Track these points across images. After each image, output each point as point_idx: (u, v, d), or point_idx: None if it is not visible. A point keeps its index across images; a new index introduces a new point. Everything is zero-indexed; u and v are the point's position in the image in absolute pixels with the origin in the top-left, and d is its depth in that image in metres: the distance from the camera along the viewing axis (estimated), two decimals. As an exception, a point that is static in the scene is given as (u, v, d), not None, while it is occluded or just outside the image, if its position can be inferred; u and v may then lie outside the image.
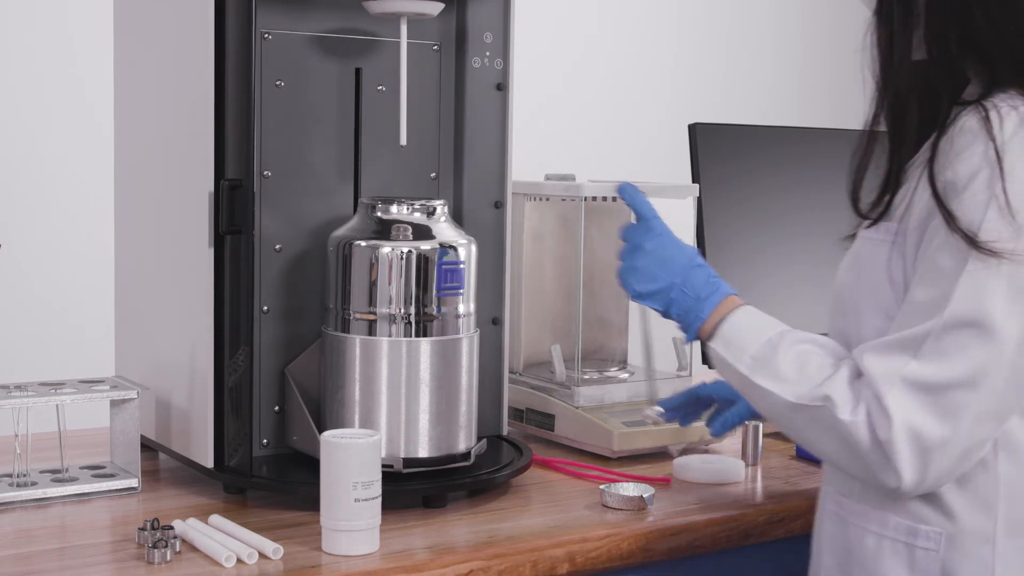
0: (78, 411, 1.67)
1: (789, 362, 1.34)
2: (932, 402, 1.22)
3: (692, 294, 1.46)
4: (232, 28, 1.56)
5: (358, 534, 1.39)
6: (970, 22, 1.27)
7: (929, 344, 1.23)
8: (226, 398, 1.59)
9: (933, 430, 1.22)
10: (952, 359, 1.22)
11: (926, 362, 1.23)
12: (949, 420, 1.22)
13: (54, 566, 1.35)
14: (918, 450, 1.23)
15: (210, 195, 1.57)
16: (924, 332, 1.23)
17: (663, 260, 1.50)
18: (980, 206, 1.20)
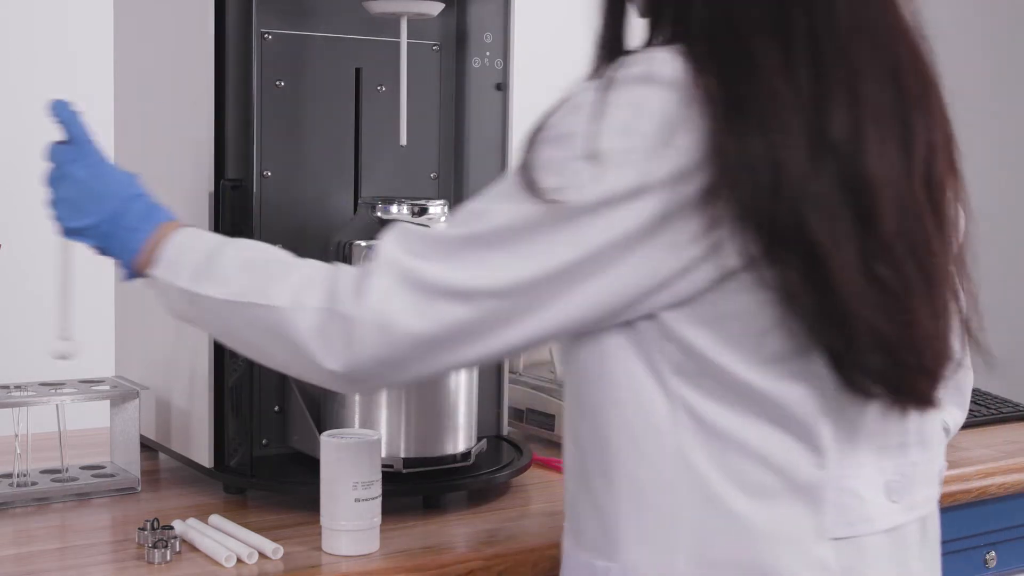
0: (78, 411, 1.67)
1: (231, 266, 1.20)
2: (424, 305, 1.08)
3: (128, 225, 1.28)
4: (232, 28, 1.56)
5: (358, 534, 1.39)
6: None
7: (456, 254, 1.09)
8: (226, 398, 1.59)
9: (411, 326, 1.09)
10: (468, 271, 1.08)
11: (437, 263, 1.09)
12: (430, 323, 1.08)
13: (54, 566, 1.35)
14: (385, 340, 1.09)
15: (210, 195, 1.57)
16: (453, 239, 1.10)
17: (97, 190, 1.30)
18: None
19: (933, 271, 1.09)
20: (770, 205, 1.02)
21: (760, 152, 1.02)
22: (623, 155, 1.04)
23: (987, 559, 1.92)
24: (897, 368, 1.07)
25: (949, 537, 1.89)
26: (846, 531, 1.11)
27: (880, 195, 1.04)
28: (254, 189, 1.58)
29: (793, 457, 1.09)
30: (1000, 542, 1.94)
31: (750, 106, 1.03)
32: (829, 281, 1.03)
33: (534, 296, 1.08)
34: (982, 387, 2.40)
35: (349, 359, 1.11)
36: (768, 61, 1.04)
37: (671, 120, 1.03)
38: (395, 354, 1.11)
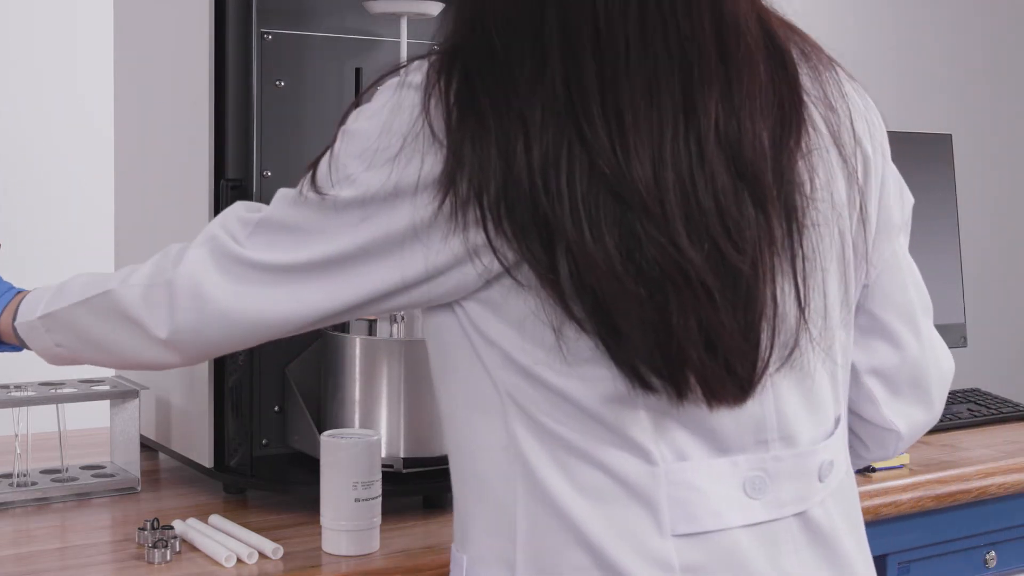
0: (78, 411, 1.67)
1: (76, 282, 1.30)
2: (235, 274, 1.14)
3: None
4: (232, 28, 1.56)
5: (358, 534, 1.39)
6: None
7: (256, 232, 1.15)
8: (226, 398, 1.59)
9: (217, 290, 1.15)
10: (262, 252, 1.13)
11: (242, 244, 1.15)
12: (237, 292, 1.14)
13: (54, 566, 1.35)
14: (198, 305, 1.15)
15: (210, 195, 1.57)
16: (261, 220, 1.15)
17: None
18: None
19: (738, 257, 1.01)
20: (511, 205, 1.00)
21: (494, 153, 1.00)
22: (381, 156, 1.06)
23: (987, 559, 1.92)
24: (675, 359, 1.02)
25: (949, 537, 1.90)
26: (689, 527, 1.07)
27: (644, 182, 1.00)
28: (254, 189, 1.58)
29: (617, 456, 1.07)
30: (1000, 542, 1.94)
31: (489, 108, 1.01)
32: (587, 281, 1.00)
33: (306, 277, 1.12)
34: (982, 387, 2.40)
35: (171, 324, 1.18)
36: (512, 58, 1.03)
37: (417, 123, 1.04)
38: (205, 317, 1.16)
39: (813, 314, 1.09)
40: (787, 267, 1.06)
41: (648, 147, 1.00)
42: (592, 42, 1.01)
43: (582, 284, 1.00)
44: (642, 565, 1.05)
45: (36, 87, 2.94)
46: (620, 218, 0.99)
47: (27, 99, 2.93)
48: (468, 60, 1.04)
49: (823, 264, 1.10)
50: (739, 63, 1.04)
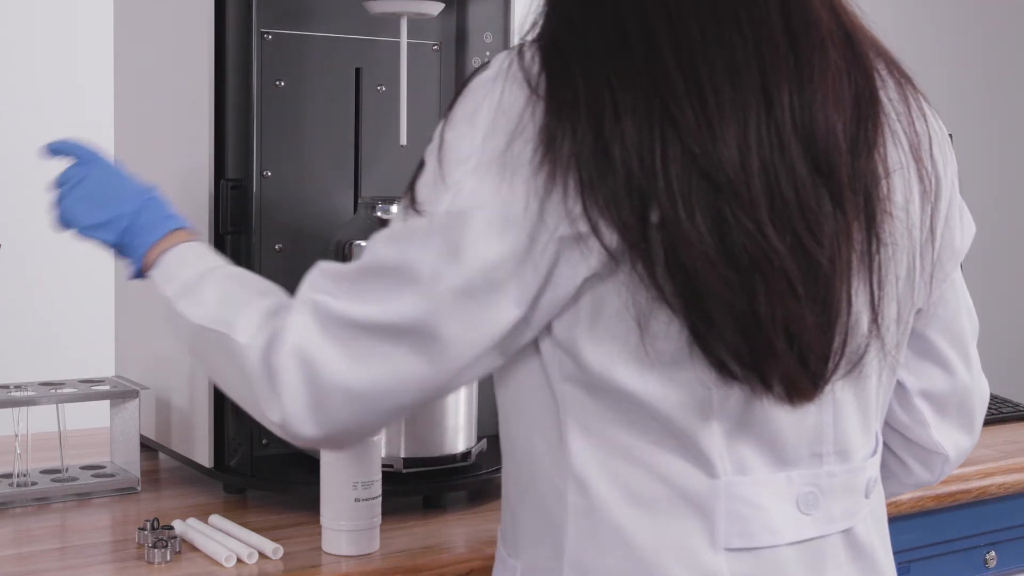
0: (78, 411, 1.67)
1: (213, 290, 1.18)
2: (344, 340, 1.05)
3: (144, 223, 1.29)
4: (232, 28, 1.56)
5: (358, 534, 1.39)
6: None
7: (356, 283, 1.06)
8: (226, 398, 1.59)
9: (334, 367, 1.04)
10: (374, 303, 1.04)
11: (346, 300, 1.06)
12: (357, 363, 1.04)
13: (54, 566, 1.35)
14: (310, 385, 1.05)
15: (210, 195, 1.57)
16: (357, 268, 1.07)
17: (118, 189, 1.32)
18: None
19: (817, 250, 1.01)
20: (611, 187, 0.99)
21: (591, 140, 0.99)
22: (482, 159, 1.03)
23: (987, 559, 1.92)
24: (759, 348, 1.00)
25: (949, 537, 1.90)
26: (743, 542, 1.07)
27: (733, 168, 0.99)
28: (254, 189, 1.58)
29: (680, 466, 1.06)
30: (1000, 542, 1.94)
31: (572, 89, 1.01)
32: (681, 259, 0.98)
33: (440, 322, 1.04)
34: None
35: (282, 410, 1.07)
36: (594, 44, 1.03)
37: (521, 117, 1.02)
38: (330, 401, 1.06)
39: (887, 322, 1.09)
40: (864, 270, 1.05)
41: (733, 132, 1.00)
42: (667, 28, 1.01)
43: (676, 262, 0.99)
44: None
45: (36, 87, 2.94)
46: (712, 200, 0.99)
47: (27, 99, 2.93)
48: (552, 45, 1.04)
49: (896, 273, 1.10)
50: (809, 54, 1.03)
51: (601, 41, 1.02)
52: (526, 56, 1.04)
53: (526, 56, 1.04)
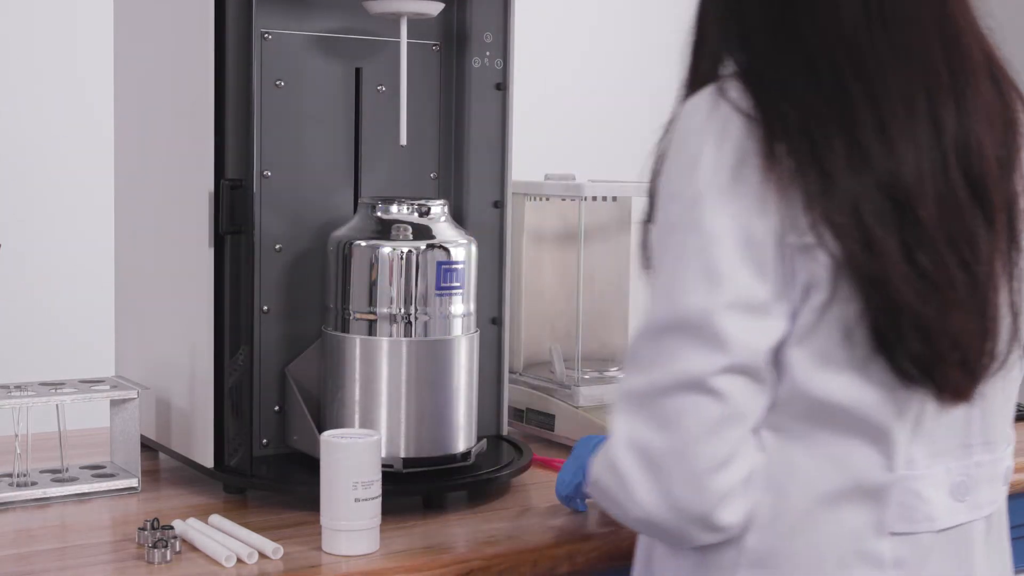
0: (78, 411, 1.67)
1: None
2: (650, 412, 1.12)
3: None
4: (232, 28, 1.56)
5: (358, 534, 1.39)
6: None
7: (641, 355, 1.15)
8: (226, 398, 1.59)
9: (657, 441, 1.11)
10: (661, 365, 1.12)
11: (641, 373, 1.14)
12: (671, 428, 1.11)
13: (54, 566, 1.35)
14: (648, 466, 1.12)
15: (210, 195, 1.57)
16: (634, 343, 1.16)
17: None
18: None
19: (976, 266, 1.13)
20: (830, 204, 1.10)
21: (808, 161, 1.10)
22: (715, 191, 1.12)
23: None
24: (934, 356, 1.12)
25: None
26: (906, 527, 1.17)
27: (914, 190, 1.11)
28: (254, 189, 1.58)
29: (864, 461, 1.15)
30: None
31: (791, 124, 1.11)
32: (881, 275, 1.09)
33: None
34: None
35: (652, 503, 1.13)
36: (796, 78, 1.14)
37: (743, 146, 1.12)
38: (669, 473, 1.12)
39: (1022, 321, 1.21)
40: (1005, 276, 1.17)
41: (911, 157, 1.11)
42: (849, 63, 1.13)
43: (876, 277, 1.10)
44: (855, 559, 1.15)
45: (36, 87, 2.94)
46: (898, 222, 1.10)
47: (27, 99, 2.93)
48: (756, 81, 1.15)
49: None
50: (964, 84, 1.15)
51: (796, 77, 1.14)
52: (731, 92, 1.14)
53: (731, 92, 1.14)
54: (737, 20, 1.19)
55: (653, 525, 1.15)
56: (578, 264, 1.93)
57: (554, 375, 1.94)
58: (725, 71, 1.19)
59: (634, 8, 3.80)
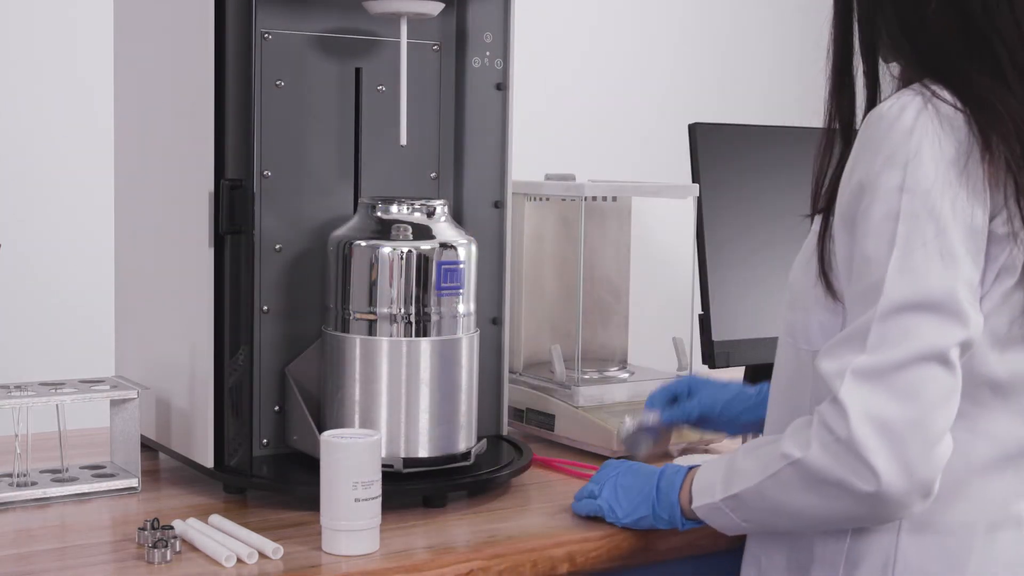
0: (78, 411, 1.67)
1: (744, 460, 1.35)
2: (887, 386, 1.20)
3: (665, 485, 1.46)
4: (232, 28, 1.56)
5: (358, 534, 1.39)
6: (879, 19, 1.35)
7: (873, 334, 1.22)
8: (226, 398, 1.59)
9: (895, 412, 1.19)
10: (899, 342, 1.21)
11: (873, 352, 1.21)
12: (910, 399, 1.19)
13: (54, 566, 1.35)
14: (886, 437, 1.19)
15: (210, 195, 1.57)
16: (866, 323, 1.23)
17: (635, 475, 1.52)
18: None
19: None
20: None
21: (1020, 154, 1.24)
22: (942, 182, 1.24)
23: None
24: None
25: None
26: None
27: None
28: (254, 189, 1.58)
29: (1014, 433, 1.31)
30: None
31: (994, 112, 1.25)
32: None
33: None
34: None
35: (875, 476, 1.20)
36: (987, 81, 1.27)
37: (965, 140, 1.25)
38: (906, 442, 1.20)
39: None
40: None
41: None
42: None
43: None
44: (1005, 521, 1.31)
45: (36, 87, 2.94)
46: None
47: (27, 98, 2.93)
48: (961, 83, 1.27)
49: None
50: None
51: (992, 80, 1.27)
52: (939, 92, 1.26)
53: (939, 92, 1.26)
54: (915, 27, 1.31)
55: (880, 498, 1.21)
56: (578, 264, 1.93)
57: (554, 375, 1.94)
58: (894, 72, 1.35)
59: (634, 8, 3.80)
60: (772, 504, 1.31)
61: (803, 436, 1.25)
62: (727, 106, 3.82)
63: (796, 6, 4.00)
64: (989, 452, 1.30)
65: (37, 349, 2.94)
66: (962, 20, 1.29)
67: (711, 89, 3.89)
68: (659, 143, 3.52)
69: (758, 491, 1.31)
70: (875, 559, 1.31)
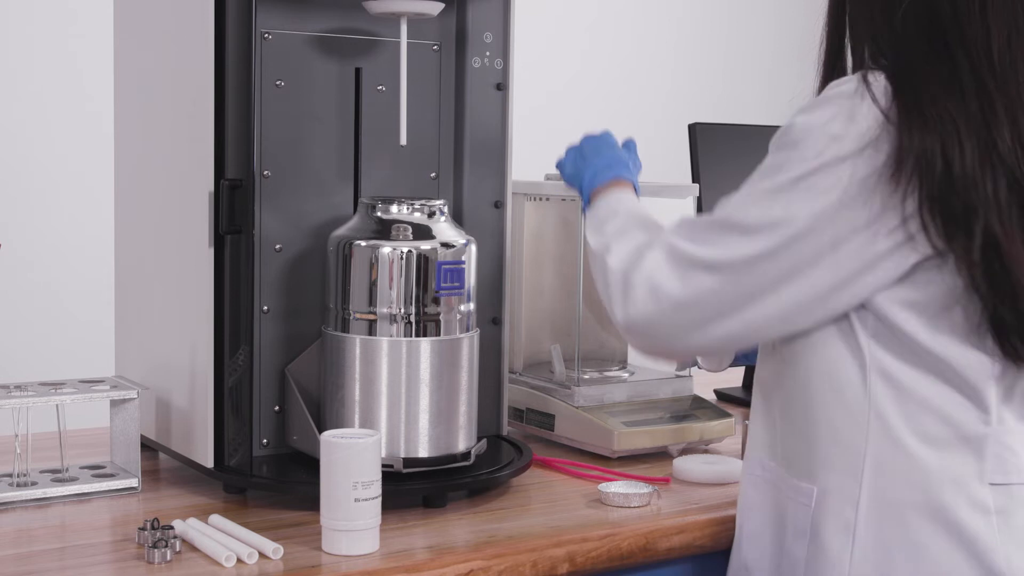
0: (78, 411, 1.67)
1: (614, 225, 1.50)
2: (682, 270, 1.36)
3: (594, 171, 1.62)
4: (232, 28, 1.56)
5: (358, 534, 1.39)
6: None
7: (701, 228, 1.38)
8: (226, 398, 1.59)
9: (672, 286, 1.37)
10: (712, 246, 1.35)
11: (693, 241, 1.37)
12: (688, 287, 1.36)
13: (54, 566, 1.35)
14: (651, 294, 1.37)
15: (210, 195, 1.57)
16: (706, 220, 1.38)
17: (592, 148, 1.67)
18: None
19: None
20: (947, 198, 1.25)
21: (933, 150, 1.26)
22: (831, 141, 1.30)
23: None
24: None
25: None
26: (1002, 479, 1.34)
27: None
28: (254, 189, 1.58)
29: (964, 413, 1.33)
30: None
31: (923, 117, 1.27)
32: (1005, 269, 1.26)
33: (762, 272, 1.33)
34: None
35: (627, 314, 1.40)
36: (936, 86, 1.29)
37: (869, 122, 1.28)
38: (660, 315, 1.38)
39: None
40: None
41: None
42: (991, 76, 1.29)
43: (997, 267, 1.26)
44: (965, 506, 1.32)
45: (36, 87, 2.94)
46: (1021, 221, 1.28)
47: (27, 99, 2.93)
48: (902, 81, 1.30)
49: None
50: None
51: (942, 85, 1.29)
52: (874, 84, 1.30)
53: (874, 84, 1.30)
54: (882, 21, 1.35)
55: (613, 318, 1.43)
56: (578, 264, 1.93)
57: (554, 375, 1.94)
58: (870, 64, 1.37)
59: (634, 8, 3.80)
60: (591, 265, 1.50)
61: (628, 255, 1.43)
62: (727, 106, 3.82)
63: (796, 6, 4.00)
64: (946, 432, 1.33)
65: (37, 349, 2.94)
66: (929, 21, 1.32)
67: (711, 89, 3.89)
68: (659, 143, 3.51)
69: (589, 251, 1.51)
70: (837, 529, 1.36)
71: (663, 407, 1.90)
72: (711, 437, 1.88)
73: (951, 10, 1.31)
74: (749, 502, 1.48)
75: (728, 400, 2.23)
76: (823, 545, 1.37)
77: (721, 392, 2.26)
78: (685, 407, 1.92)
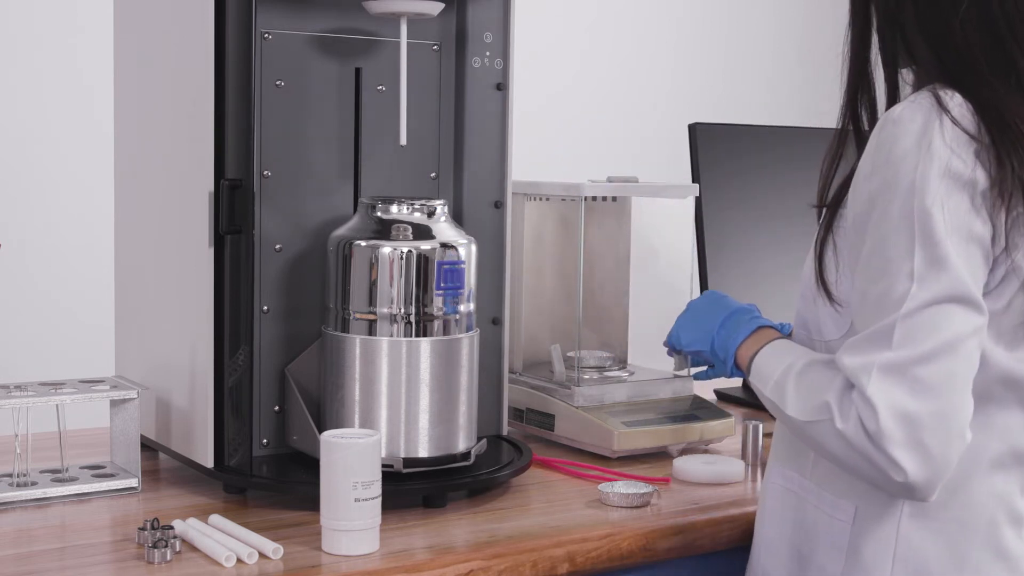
0: (78, 411, 1.67)
1: (798, 392, 1.37)
2: (911, 381, 1.24)
3: (730, 328, 1.55)
4: (232, 28, 1.56)
5: (358, 534, 1.39)
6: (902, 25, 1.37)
7: (899, 331, 1.25)
8: (226, 398, 1.59)
9: (918, 406, 1.24)
10: (925, 336, 1.25)
11: (899, 348, 1.25)
12: (931, 393, 1.24)
13: (54, 566, 1.35)
14: (910, 432, 1.24)
15: (210, 195, 1.57)
16: (891, 321, 1.26)
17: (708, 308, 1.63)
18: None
19: None
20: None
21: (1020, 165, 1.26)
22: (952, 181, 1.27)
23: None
24: None
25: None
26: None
27: None
28: (254, 189, 1.58)
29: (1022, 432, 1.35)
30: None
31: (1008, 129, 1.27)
32: None
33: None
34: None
35: (914, 467, 1.25)
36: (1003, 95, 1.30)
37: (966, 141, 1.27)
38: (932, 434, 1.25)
39: None
40: None
41: None
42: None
43: None
44: (1007, 522, 1.34)
45: (36, 87, 2.94)
46: None
47: (27, 98, 2.93)
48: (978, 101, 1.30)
49: None
50: None
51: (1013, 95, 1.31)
52: (952, 107, 1.28)
53: (952, 107, 1.28)
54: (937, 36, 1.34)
55: (905, 487, 1.26)
56: (578, 264, 1.93)
57: (554, 375, 1.94)
58: (907, 79, 1.38)
59: (634, 8, 3.80)
60: (803, 436, 1.35)
61: (847, 403, 1.28)
62: (727, 106, 3.82)
63: (796, 6, 4.00)
64: (999, 448, 1.34)
65: (37, 349, 2.93)
66: (986, 33, 1.32)
67: (711, 89, 3.89)
68: (659, 143, 3.52)
69: (796, 424, 1.35)
70: (878, 546, 1.35)
71: (663, 407, 1.91)
72: (711, 437, 1.88)
73: (1005, 21, 1.31)
74: (769, 511, 1.48)
75: (728, 400, 2.23)
76: (862, 562, 1.36)
77: (721, 392, 2.26)
78: (685, 407, 1.92)
